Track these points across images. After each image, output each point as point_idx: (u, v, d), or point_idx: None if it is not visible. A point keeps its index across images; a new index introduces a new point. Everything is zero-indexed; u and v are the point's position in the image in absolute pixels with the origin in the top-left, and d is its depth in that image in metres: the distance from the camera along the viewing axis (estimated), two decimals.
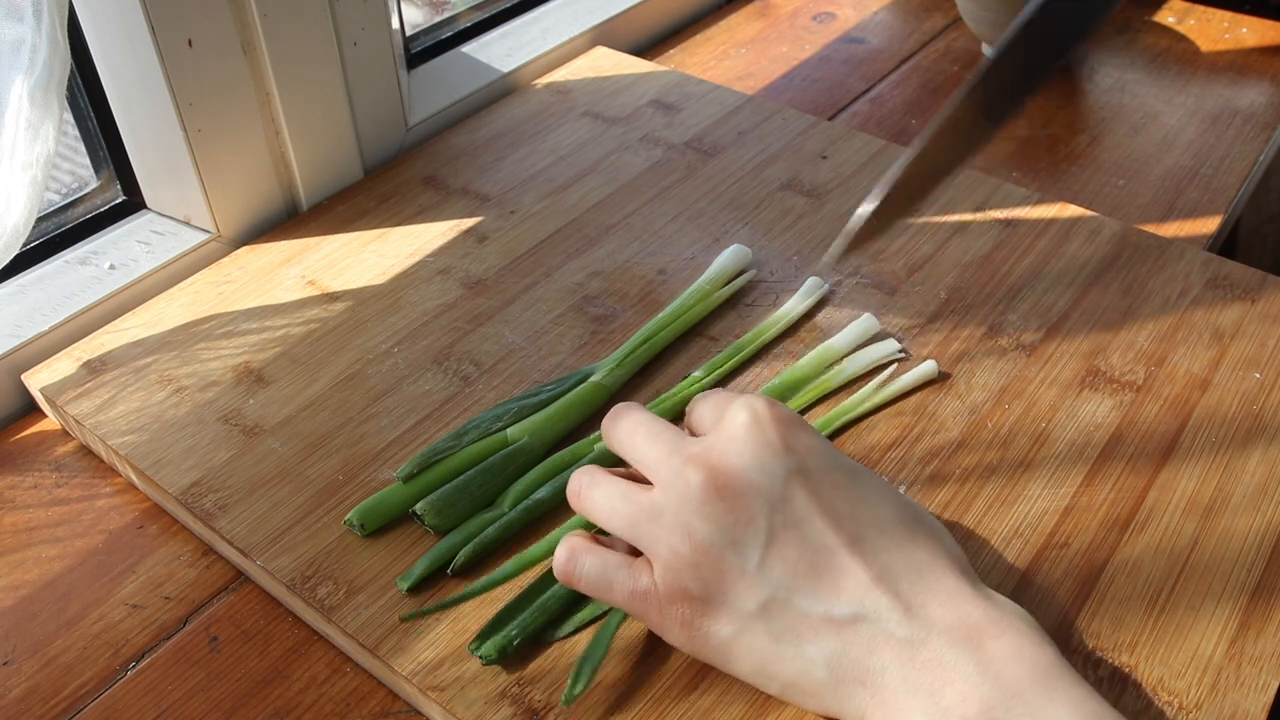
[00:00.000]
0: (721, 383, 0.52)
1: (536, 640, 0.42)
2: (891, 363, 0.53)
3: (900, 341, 0.54)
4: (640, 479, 0.41)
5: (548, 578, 0.44)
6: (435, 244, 0.62)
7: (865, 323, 0.54)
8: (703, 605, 0.37)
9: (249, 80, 0.60)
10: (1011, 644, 0.35)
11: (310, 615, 0.44)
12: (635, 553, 0.41)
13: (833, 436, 0.50)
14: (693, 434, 0.42)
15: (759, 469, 0.37)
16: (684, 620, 0.38)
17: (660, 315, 0.55)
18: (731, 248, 0.58)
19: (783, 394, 0.51)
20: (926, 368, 0.52)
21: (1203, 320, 0.55)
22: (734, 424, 0.39)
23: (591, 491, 0.41)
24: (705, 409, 0.42)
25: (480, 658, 0.41)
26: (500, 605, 0.43)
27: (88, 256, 0.61)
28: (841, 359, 0.53)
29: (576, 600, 0.43)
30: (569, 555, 0.40)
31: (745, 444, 0.38)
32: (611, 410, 0.43)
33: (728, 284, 0.57)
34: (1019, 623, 0.36)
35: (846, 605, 0.36)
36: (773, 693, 0.38)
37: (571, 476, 0.42)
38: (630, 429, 0.41)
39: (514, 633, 0.41)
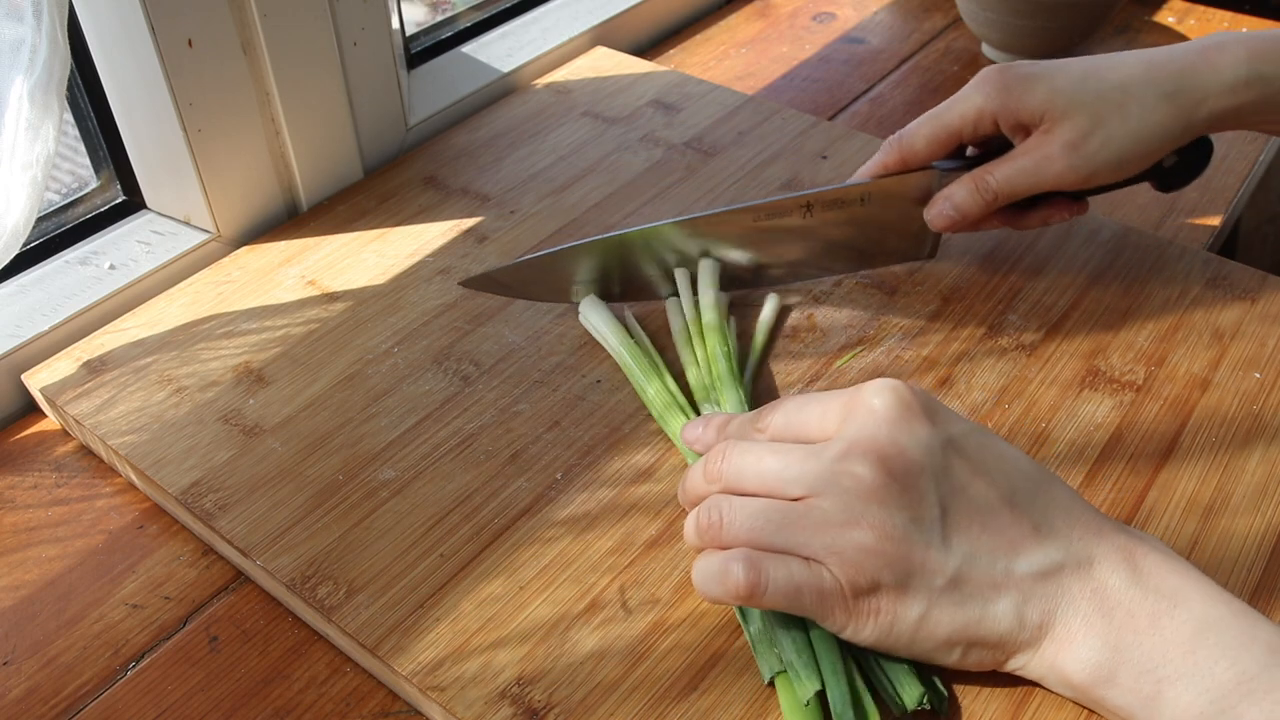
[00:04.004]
0: None
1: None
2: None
3: (900, 341, 0.54)
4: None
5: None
6: (435, 244, 0.62)
7: (772, 303, 0.56)
8: (894, 592, 0.38)
9: (249, 80, 0.60)
10: (1158, 559, 0.38)
11: (310, 615, 0.44)
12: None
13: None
14: (773, 439, 0.42)
15: (916, 445, 0.38)
16: (875, 611, 0.38)
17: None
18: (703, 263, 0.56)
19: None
20: (770, 305, 0.55)
21: (1203, 320, 0.55)
22: (876, 409, 0.39)
23: (734, 517, 0.39)
24: (811, 412, 0.41)
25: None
26: None
27: (88, 256, 0.61)
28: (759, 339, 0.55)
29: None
30: (750, 566, 0.38)
31: (896, 425, 0.38)
32: (711, 451, 0.41)
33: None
34: (1155, 541, 0.39)
35: (1023, 559, 0.38)
36: (951, 662, 0.39)
37: (689, 516, 0.41)
38: (750, 458, 0.40)
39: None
